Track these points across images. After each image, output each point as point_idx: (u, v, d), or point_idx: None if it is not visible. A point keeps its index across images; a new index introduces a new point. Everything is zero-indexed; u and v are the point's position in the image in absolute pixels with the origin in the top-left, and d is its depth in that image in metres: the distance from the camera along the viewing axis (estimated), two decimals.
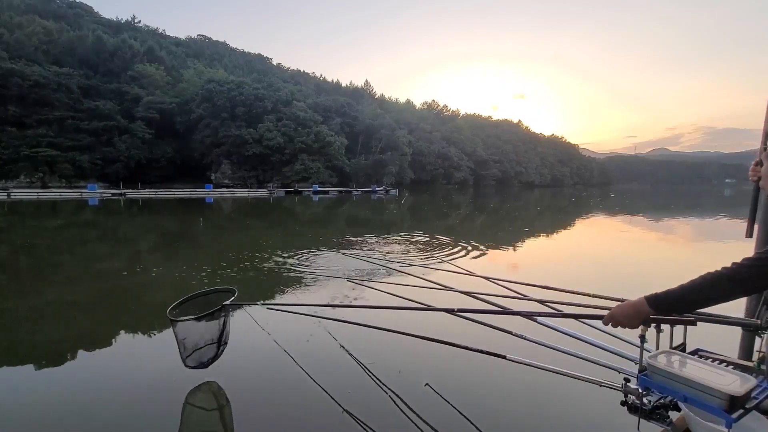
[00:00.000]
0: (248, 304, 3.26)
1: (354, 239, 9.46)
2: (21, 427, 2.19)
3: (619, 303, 1.34)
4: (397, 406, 2.27)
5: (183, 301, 2.64)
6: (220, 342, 2.54)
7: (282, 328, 3.47)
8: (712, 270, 1.20)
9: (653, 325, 1.52)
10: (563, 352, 1.95)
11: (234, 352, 2.72)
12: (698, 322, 1.51)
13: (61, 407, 2.38)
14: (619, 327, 1.35)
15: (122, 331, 3.54)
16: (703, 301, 1.21)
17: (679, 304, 1.23)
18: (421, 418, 2.15)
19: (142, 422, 2.20)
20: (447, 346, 2.25)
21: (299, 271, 5.84)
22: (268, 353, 3.05)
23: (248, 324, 3.53)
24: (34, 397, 2.46)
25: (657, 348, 1.55)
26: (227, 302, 2.54)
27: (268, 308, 2.98)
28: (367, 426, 2.10)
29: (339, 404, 2.29)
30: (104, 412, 2.30)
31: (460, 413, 2.20)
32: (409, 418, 2.16)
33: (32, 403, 2.41)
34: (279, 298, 4.47)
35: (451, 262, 6.62)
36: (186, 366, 2.45)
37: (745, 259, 1.15)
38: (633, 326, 1.32)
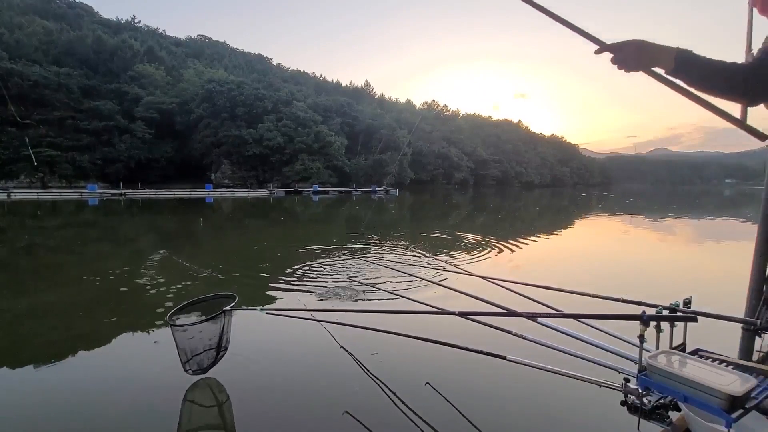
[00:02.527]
0: (248, 309, 3.27)
1: (355, 239, 9.46)
2: (21, 427, 2.19)
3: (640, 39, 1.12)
4: (397, 407, 2.27)
5: (183, 306, 2.65)
6: (220, 347, 2.54)
7: (282, 330, 3.47)
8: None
9: (653, 324, 1.52)
10: (563, 352, 1.95)
11: (234, 352, 2.73)
12: (698, 321, 1.51)
13: (60, 406, 2.38)
14: (619, 62, 1.13)
15: (122, 331, 3.54)
16: (712, 86, 1.11)
17: (696, 74, 1.10)
18: (421, 418, 2.15)
19: (142, 420, 2.20)
20: (447, 346, 2.25)
21: (300, 272, 5.84)
22: (269, 354, 3.05)
23: (248, 326, 3.53)
24: (33, 397, 2.46)
25: (657, 348, 1.55)
26: (227, 308, 2.55)
27: (267, 313, 2.99)
28: (367, 425, 2.10)
29: (339, 404, 2.29)
30: (104, 410, 2.30)
31: (461, 413, 2.20)
32: (409, 418, 2.16)
33: (32, 402, 2.41)
34: (279, 302, 4.46)
35: (452, 263, 6.62)
36: (186, 371, 2.47)
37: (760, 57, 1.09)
38: (633, 68, 1.13)
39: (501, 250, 7.88)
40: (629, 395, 1.45)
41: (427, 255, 7.24)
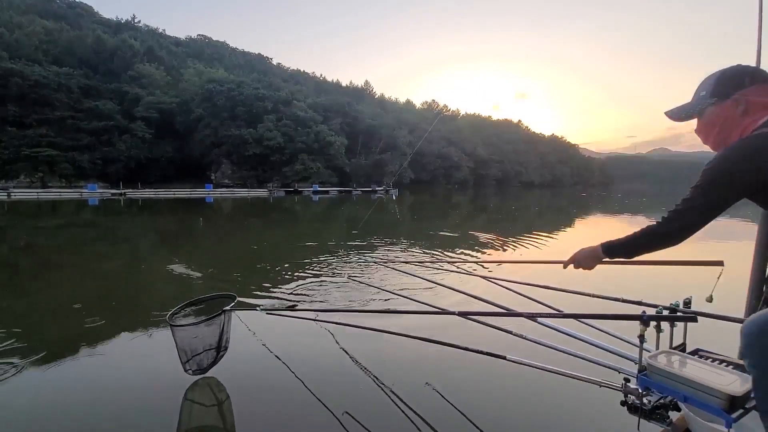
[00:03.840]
0: (248, 309, 3.26)
1: (355, 239, 9.46)
2: (21, 427, 2.19)
3: (583, 248, 1.58)
4: (397, 407, 2.27)
5: (183, 306, 2.65)
6: (220, 347, 2.54)
7: (282, 330, 3.47)
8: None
9: (653, 324, 1.52)
10: (563, 352, 1.95)
11: (234, 352, 2.72)
12: (698, 321, 1.51)
13: (60, 406, 2.38)
14: (577, 267, 1.63)
15: (122, 331, 3.54)
16: (644, 251, 1.40)
17: (626, 253, 1.44)
18: (421, 418, 2.15)
19: (142, 420, 2.20)
20: (447, 346, 2.25)
21: (300, 272, 5.84)
22: (269, 354, 3.05)
23: (248, 326, 3.53)
24: (33, 397, 2.46)
25: (657, 348, 1.55)
26: (227, 308, 2.55)
27: (267, 313, 2.98)
28: (367, 425, 2.09)
29: (339, 403, 2.29)
30: (104, 410, 2.30)
31: (461, 413, 2.20)
32: (409, 418, 2.16)
33: (31, 402, 2.41)
34: (279, 302, 4.46)
35: (452, 262, 6.62)
36: (186, 371, 2.46)
37: (671, 212, 1.29)
38: (590, 267, 1.59)
39: (501, 250, 7.88)
40: (629, 395, 1.45)
41: (428, 254, 7.24)
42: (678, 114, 1.36)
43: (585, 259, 1.56)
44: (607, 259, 1.51)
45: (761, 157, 1.10)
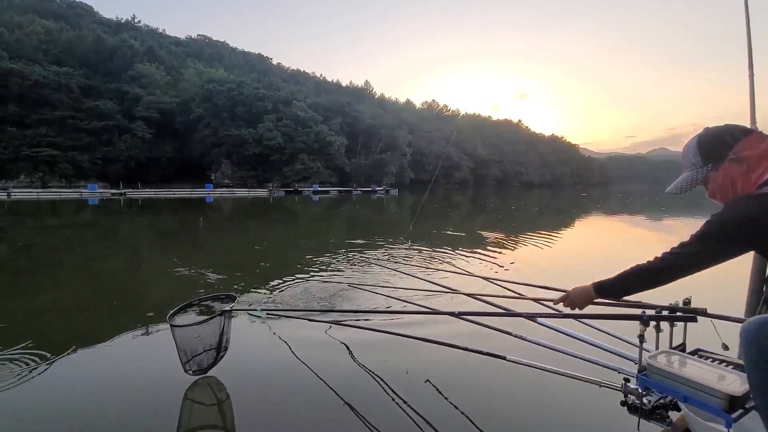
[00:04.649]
0: (248, 310, 3.26)
1: (355, 239, 9.46)
2: (20, 427, 2.19)
3: (576, 287, 1.58)
4: (398, 406, 2.27)
5: (183, 306, 2.65)
6: (220, 348, 2.54)
7: (282, 331, 3.47)
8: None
9: (653, 324, 1.53)
10: (563, 353, 1.95)
11: (234, 353, 2.72)
12: (698, 321, 1.51)
13: (60, 406, 2.38)
14: (570, 308, 1.63)
15: (122, 331, 3.54)
16: (635, 289, 1.40)
17: (616, 291, 1.45)
18: (423, 418, 2.15)
19: (142, 420, 2.20)
20: (447, 347, 2.25)
21: (300, 272, 5.84)
22: (269, 354, 3.05)
23: (248, 326, 3.53)
24: (32, 397, 2.46)
25: (657, 348, 1.55)
26: (227, 308, 2.55)
27: (267, 314, 2.98)
28: (367, 425, 2.10)
29: (339, 403, 2.29)
30: (104, 410, 2.30)
31: (461, 413, 2.20)
32: (411, 418, 2.16)
33: (31, 402, 2.41)
34: (279, 302, 4.46)
35: (451, 263, 6.63)
36: (186, 371, 2.46)
37: (666, 253, 1.29)
38: (582, 307, 1.59)
39: (501, 250, 7.88)
40: (629, 395, 1.45)
41: (428, 254, 7.24)
42: (681, 188, 1.38)
43: (577, 299, 1.56)
44: (599, 300, 1.53)
45: (763, 219, 1.13)
